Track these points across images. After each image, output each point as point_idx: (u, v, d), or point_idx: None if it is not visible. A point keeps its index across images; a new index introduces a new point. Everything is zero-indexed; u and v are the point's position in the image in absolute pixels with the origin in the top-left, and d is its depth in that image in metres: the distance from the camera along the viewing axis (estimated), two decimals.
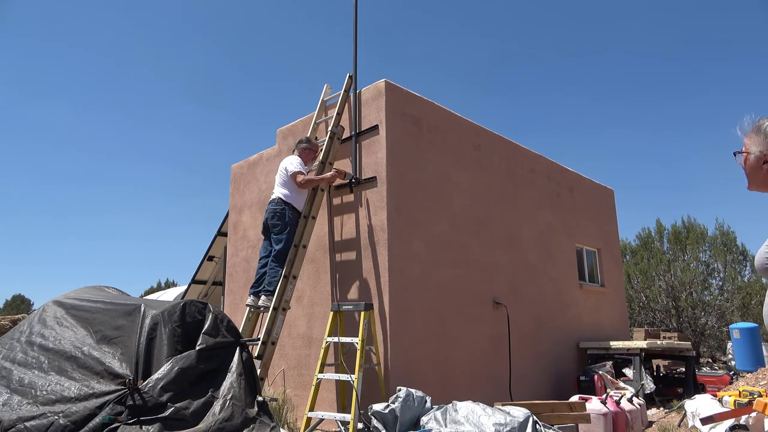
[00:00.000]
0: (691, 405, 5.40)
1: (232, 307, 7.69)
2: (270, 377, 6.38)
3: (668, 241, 19.65)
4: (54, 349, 3.76)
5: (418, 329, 5.91)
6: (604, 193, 10.52)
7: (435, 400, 4.87)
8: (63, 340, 3.81)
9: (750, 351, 9.67)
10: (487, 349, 6.79)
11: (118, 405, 3.24)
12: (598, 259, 9.87)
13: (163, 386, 3.32)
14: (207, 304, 3.97)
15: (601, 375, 7.37)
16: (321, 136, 6.73)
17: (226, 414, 3.35)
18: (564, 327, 8.36)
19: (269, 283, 5.52)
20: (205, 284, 11.37)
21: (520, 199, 8.03)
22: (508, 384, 6.81)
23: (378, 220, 5.88)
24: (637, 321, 18.06)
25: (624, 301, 10.53)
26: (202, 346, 3.64)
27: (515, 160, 8.12)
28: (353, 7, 6.71)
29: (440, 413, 4.46)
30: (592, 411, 5.27)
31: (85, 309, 4.13)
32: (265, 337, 5.17)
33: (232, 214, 8.28)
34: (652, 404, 7.64)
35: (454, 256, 6.59)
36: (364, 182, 6.12)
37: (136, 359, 3.49)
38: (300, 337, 6.42)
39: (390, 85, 6.27)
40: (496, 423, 4.11)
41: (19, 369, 3.71)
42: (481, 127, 7.58)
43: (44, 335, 3.94)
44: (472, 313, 6.69)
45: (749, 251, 19.17)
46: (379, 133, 6.11)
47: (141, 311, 3.78)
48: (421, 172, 6.40)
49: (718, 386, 8.28)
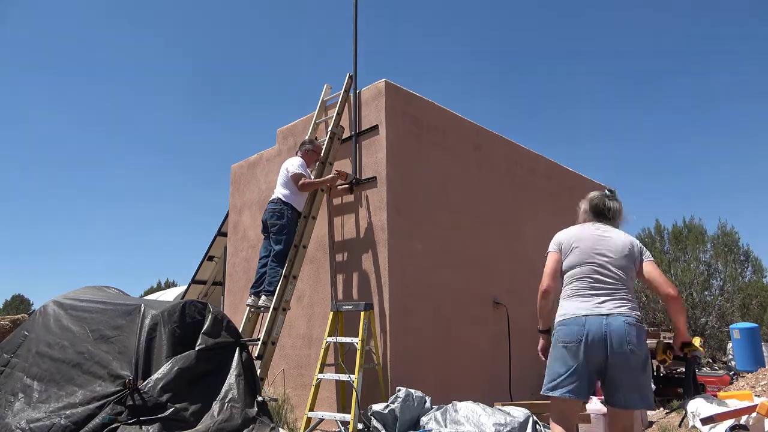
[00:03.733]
0: (691, 405, 5.40)
1: (232, 307, 7.69)
2: (270, 377, 6.38)
3: (668, 242, 19.63)
4: (62, 359, 3.76)
5: (418, 329, 5.91)
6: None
7: (435, 400, 4.87)
8: (68, 348, 3.81)
9: (750, 351, 9.67)
10: (487, 349, 6.79)
11: (118, 405, 3.24)
12: None
13: (163, 386, 3.32)
14: (207, 305, 3.97)
15: None
16: (321, 136, 6.73)
17: (226, 414, 3.34)
18: None
19: (269, 283, 5.51)
20: (205, 284, 11.37)
21: (520, 199, 8.03)
22: (508, 384, 6.81)
23: (378, 220, 5.88)
24: None
25: None
26: (202, 346, 3.64)
27: (515, 160, 8.11)
28: (353, 7, 6.71)
29: (440, 413, 4.46)
30: (592, 411, 5.26)
31: (86, 310, 4.13)
32: (265, 338, 5.17)
33: (232, 214, 8.28)
34: None
35: (454, 256, 6.59)
36: (364, 182, 6.12)
37: (136, 359, 3.49)
38: (300, 337, 6.42)
39: (390, 85, 6.27)
40: (496, 423, 4.11)
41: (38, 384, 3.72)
42: (481, 127, 7.57)
43: (51, 344, 3.94)
44: (472, 313, 6.69)
45: (752, 252, 19.18)
46: (379, 133, 6.11)
47: (141, 311, 3.78)
48: (421, 172, 6.40)
49: (719, 386, 8.27)
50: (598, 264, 3.02)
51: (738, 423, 4.75)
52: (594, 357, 2.80)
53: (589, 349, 2.79)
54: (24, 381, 3.79)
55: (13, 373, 3.98)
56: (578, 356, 2.81)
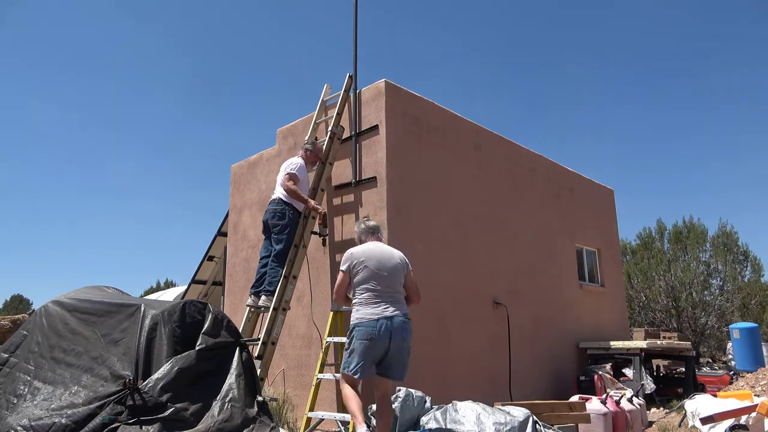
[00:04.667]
0: (691, 405, 5.40)
1: (232, 307, 7.70)
2: (270, 377, 6.38)
3: (669, 241, 19.62)
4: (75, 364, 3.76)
5: (418, 329, 5.87)
6: (604, 193, 10.52)
7: (435, 400, 4.87)
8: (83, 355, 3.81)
9: (750, 351, 9.68)
10: (487, 349, 6.79)
11: (118, 405, 3.24)
12: (598, 259, 9.87)
13: (163, 386, 3.31)
14: (207, 304, 3.96)
15: (601, 375, 7.38)
16: (321, 136, 6.74)
17: (226, 414, 3.34)
18: (564, 327, 8.36)
19: (269, 283, 5.51)
20: (205, 284, 11.36)
21: (520, 199, 8.03)
22: (508, 384, 6.81)
23: (378, 220, 5.87)
24: (637, 321, 18.05)
25: (624, 301, 10.53)
26: (202, 346, 3.64)
27: (515, 160, 8.12)
28: (353, 7, 6.71)
29: (440, 413, 4.45)
30: (592, 411, 5.26)
31: (90, 312, 4.13)
32: (265, 337, 5.18)
33: (232, 214, 8.29)
34: (652, 404, 7.64)
35: (454, 256, 6.59)
36: (364, 182, 6.12)
37: (136, 359, 3.49)
38: (300, 337, 6.42)
39: (390, 85, 6.27)
40: (496, 422, 4.10)
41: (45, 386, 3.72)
42: (481, 127, 7.58)
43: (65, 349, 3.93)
44: (472, 313, 6.70)
45: (751, 252, 19.19)
46: (379, 133, 6.11)
47: (141, 311, 3.77)
48: (421, 172, 6.40)
49: (718, 386, 8.28)
50: (380, 278, 4.01)
51: (738, 423, 4.75)
52: (381, 347, 3.84)
53: (381, 341, 3.82)
54: (27, 381, 3.79)
55: (13, 373, 3.98)
56: (371, 348, 3.83)
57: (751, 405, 4.80)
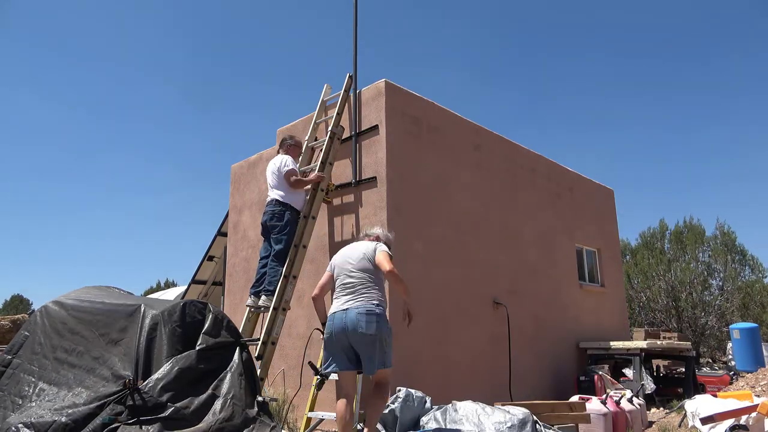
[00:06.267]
0: (691, 405, 5.40)
1: (232, 307, 7.69)
2: (270, 377, 6.37)
3: (669, 242, 19.64)
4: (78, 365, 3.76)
5: (418, 329, 5.90)
6: (603, 193, 10.52)
7: (435, 400, 4.87)
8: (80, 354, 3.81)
9: (750, 351, 9.69)
10: (487, 349, 6.79)
11: (118, 405, 3.24)
12: (598, 259, 9.87)
13: (163, 386, 3.32)
14: (207, 304, 3.97)
15: (601, 375, 7.38)
16: (321, 136, 6.74)
17: (226, 414, 3.35)
18: (564, 327, 8.36)
19: (269, 283, 5.51)
20: (205, 284, 11.37)
21: (520, 199, 8.03)
22: (508, 384, 6.81)
23: (378, 220, 5.88)
24: (637, 321, 18.06)
25: (624, 301, 10.53)
26: (202, 346, 3.64)
27: (515, 160, 8.12)
28: (353, 7, 6.71)
29: (440, 413, 4.45)
30: (592, 411, 5.27)
31: (90, 312, 4.13)
32: (265, 337, 5.17)
33: (232, 214, 8.29)
34: (652, 404, 7.64)
35: (454, 256, 6.59)
36: (364, 182, 6.12)
37: (136, 359, 3.50)
38: (300, 337, 6.42)
39: (390, 85, 6.27)
40: (496, 422, 4.10)
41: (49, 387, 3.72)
42: (481, 127, 7.58)
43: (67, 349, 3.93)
44: (472, 313, 6.70)
45: (748, 252, 19.20)
46: (379, 133, 6.11)
47: (141, 311, 3.78)
48: (421, 172, 6.40)
49: (718, 386, 8.28)
50: (346, 272, 4.07)
51: (738, 423, 4.75)
52: (340, 340, 3.85)
53: (337, 334, 3.85)
54: (32, 382, 3.79)
55: (17, 374, 3.98)
56: (331, 342, 3.90)
57: (751, 405, 4.80)
